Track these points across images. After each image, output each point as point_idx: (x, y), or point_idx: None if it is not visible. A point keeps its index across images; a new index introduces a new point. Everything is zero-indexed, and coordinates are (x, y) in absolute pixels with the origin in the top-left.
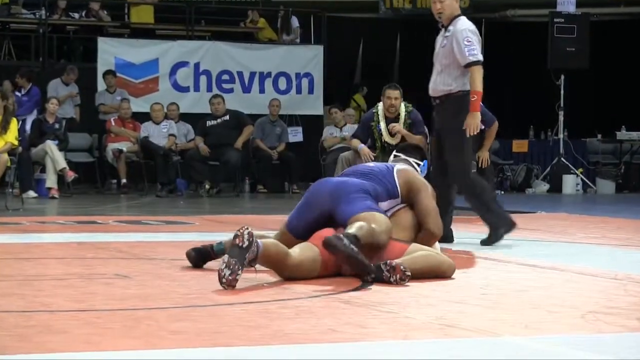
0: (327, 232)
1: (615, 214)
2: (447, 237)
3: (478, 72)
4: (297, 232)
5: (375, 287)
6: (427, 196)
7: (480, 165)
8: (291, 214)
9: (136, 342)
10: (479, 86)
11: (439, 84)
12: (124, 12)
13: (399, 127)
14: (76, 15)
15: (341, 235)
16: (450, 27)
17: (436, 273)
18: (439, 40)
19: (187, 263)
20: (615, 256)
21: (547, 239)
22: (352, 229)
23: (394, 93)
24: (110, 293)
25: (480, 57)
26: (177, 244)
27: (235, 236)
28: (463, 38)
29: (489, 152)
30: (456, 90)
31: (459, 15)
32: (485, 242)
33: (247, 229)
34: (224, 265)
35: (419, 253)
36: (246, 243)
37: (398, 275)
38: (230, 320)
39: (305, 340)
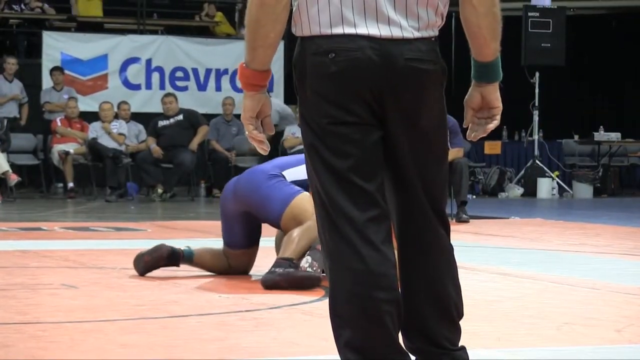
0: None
1: (593, 220)
2: None
3: None
4: (236, 244)
5: None
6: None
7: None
8: (222, 233)
9: (84, 357)
10: None
11: None
12: (69, 5)
13: None
14: (18, 8)
15: (272, 269)
16: None
17: None
18: None
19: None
20: (594, 264)
21: (521, 246)
22: (286, 253)
23: None
24: (57, 304)
25: None
26: (128, 252)
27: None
28: None
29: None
30: None
31: None
32: None
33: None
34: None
35: None
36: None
37: None
38: (185, 333)
39: (265, 354)
